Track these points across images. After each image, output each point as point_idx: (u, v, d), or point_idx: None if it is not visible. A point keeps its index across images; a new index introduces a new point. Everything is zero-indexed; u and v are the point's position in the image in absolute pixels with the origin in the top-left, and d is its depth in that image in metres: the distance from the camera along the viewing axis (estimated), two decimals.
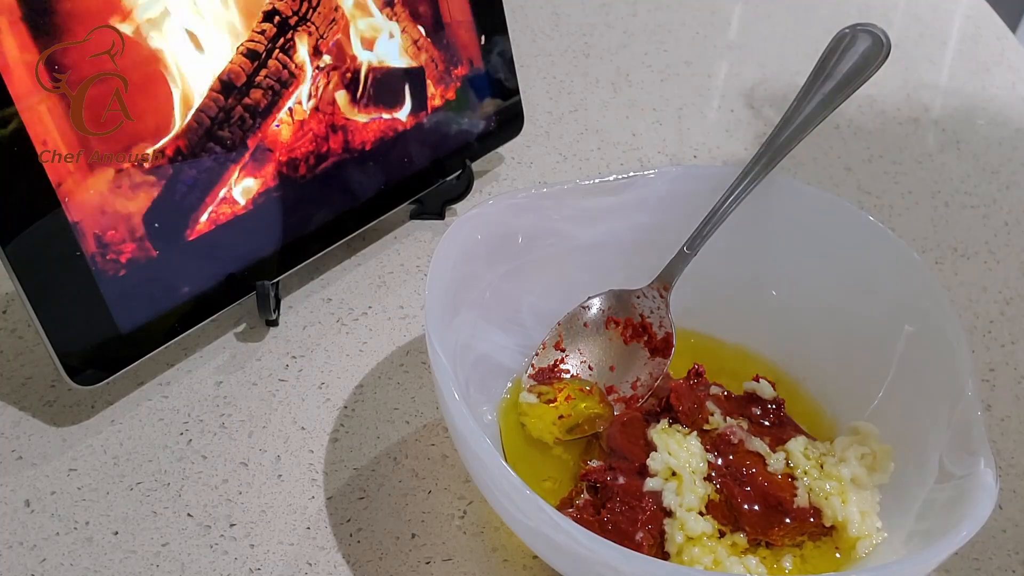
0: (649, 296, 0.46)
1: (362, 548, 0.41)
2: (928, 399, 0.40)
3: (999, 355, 0.52)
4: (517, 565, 0.41)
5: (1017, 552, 0.43)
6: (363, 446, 0.45)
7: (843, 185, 0.63)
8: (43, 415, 0.46)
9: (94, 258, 0.43)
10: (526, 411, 0.44)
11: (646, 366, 0.46)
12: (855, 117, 0.69)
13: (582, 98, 0.70)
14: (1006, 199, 0.63)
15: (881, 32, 0.47)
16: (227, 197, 0.47)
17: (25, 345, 0.49)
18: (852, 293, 0.45)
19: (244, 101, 0.47)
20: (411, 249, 0.56)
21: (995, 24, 0.82)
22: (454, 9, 0.55)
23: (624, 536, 0.38)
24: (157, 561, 0.40)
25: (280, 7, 0.47)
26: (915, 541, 0.36)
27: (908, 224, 0.60)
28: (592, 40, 0.76)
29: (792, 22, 0.80)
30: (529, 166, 0.63)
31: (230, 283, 0.48)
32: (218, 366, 0.49)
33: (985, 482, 0.35)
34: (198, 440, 0.45)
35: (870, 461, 0.40)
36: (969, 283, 0.56)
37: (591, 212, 0.47)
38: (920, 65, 0.76)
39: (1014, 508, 0.44)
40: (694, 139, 0.66)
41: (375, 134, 0.53)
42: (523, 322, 0.46)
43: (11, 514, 0.42)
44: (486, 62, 0.58)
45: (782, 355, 0.47)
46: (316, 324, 0.51)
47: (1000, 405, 0.49)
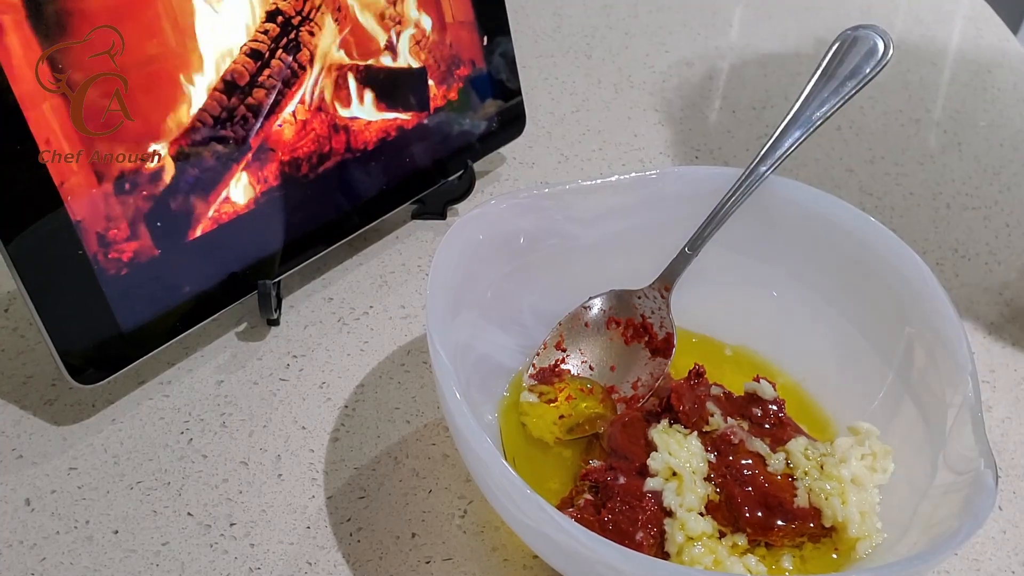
0: (650, 296, 0.46)
1: (362, 547, 0.41)
2: (928, 400, 0.40)
3: (999, 356, 0.52)
4: (517, 565, 0.41)
5: (1017, 553, 0.43)
6: (364, 445, 0.45)
7: (845, 186, 0.63)
8: (44, 414, 0.46)
9: (96, 257, 0.43)
10: (527, 411, 0.44)
11: (647, 366, 0.46)
12: (857, 118, 0.69)
13: (584, 99, 0.70)
14: (1007, 200, 0.63)
15: (883, 34, 0.47)
16: (229, 197, 0.47)
17: (26, 344, 0.49)
18: (853, 294, 0.45)
19: (247, 101, 0.47)
20: (412, 249, 0.56)
21: (996, 26, 0.82)
22: (456, 10, 0.55)
23: (624, 536, 0.38)
24: (157, 560, 0.40)
25: (283, 7, 0.47)
26: (915, 542, 0.36)
27: (909, 225, 0.60)
28: (594, 41, 0.77)
29: (793, 23, 0.80)
30: (531, 166, 0.63)
31: (231, 282, 0.48)
32: (219, 365, 0.49)
33: (985, 483, 0.35)
34: (199, 439, 0.45)
35: (870, 462, 0.40)
36: (970, 284, 0.56)
37: (593, 212, 0.47)
38: (922, 66, 0.76)
39: (1014, 509, 0.44)
40: (696, 140, 0.66)
41: (377, 134, 0.53)
42: (524, 322, 0.46)
43: (11, 513, 0.42)
44: (488, 62, 0.58)
45: (782, 355, 0.47)
46: (317, 323, 0.51)
47: (1000, 406, 0.49)
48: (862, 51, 0.47)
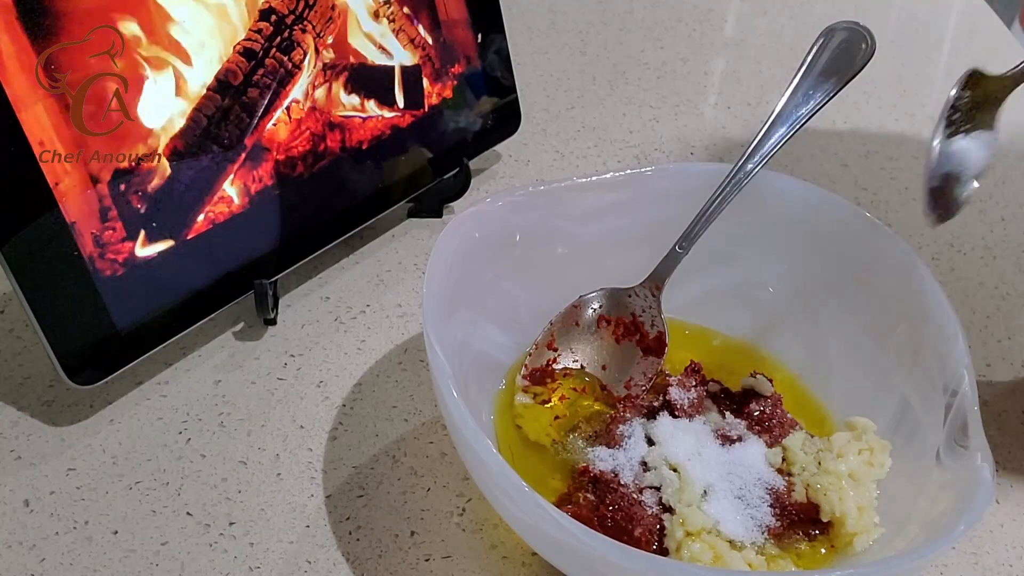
0: (641, 295, 0.46)
1: (361, 546, 0.41)
2: (925, 394, 0.40)
3: (995, 350, 0.52)
4: (516, 562, 0.41)
5: (1014, 547, 0.43)
6: (362, 444, 0.45)
7: (840, 181, 0.63)
8: (42, 415, 0.46)
9: (91, 258, 0.43)
10: (521, 413, 0.44)
11: (639, 365, 0.46)
12: (851, 113, 0.69)
13: (579, 95, 0.70)
14: (1002, 195, 0.63)
15: (864, 29, 0.47)
16: (224, 196, 0.47)
17: (23, 345, 0.49)
18: (849, 289, 0.45)
19: (241, 100, 0.47)
20: (409, 247, 0.56)
21: (991, 20, 0.82)
22: (451, 7, 0.55)
23: (623, 532, 0.38)
24: (156, 560, 0.40)
25: (277, 6, 0.47)
26: (913, 536, 0.37)
27: (905, 220, 0.60)
28: (589, 37, 0.76)
29: (788, 19, 0.80)
30: (526, 164, 0.63)
31: (228, 282, 0.48)
32: (216, 365, 0.49)
33: (982, 477, 0.35)
34: (197, 439, 0.45)
35: (868, 456, 0.40)
36: (966, 278, 0.56)
37: (589, 210, 0.47)
38: (916, 61, 0.76)
39: (1011, 503, 0.44)
40: (691, 136, 0.66)
41: (372, 132, 0.53)
42: (521, 320, 0.46)
43: (10, 514, 0.42)
44: (483, 60, 0.58)
45: (779, 350, 0.47)
46: (314, 323, 0.51)
47: (997, 400, 0.49)
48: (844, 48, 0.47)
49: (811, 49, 0.47)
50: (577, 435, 0.43)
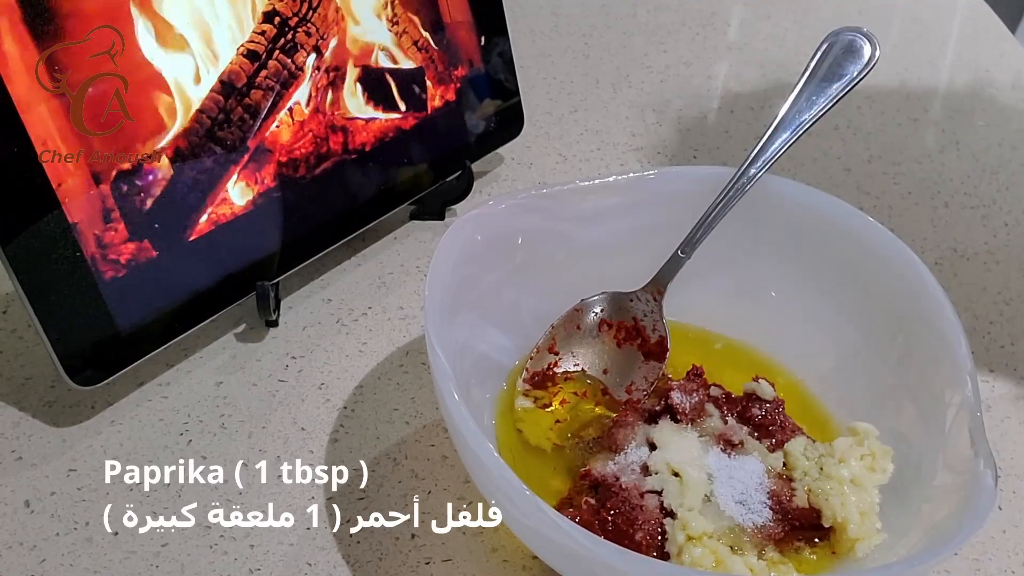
0: (643, 300, 0.46)
1: (362, 548, 0.41)
2: (927, 400, 0.40)
3: (998, 356, 0.52)
4: (516, 565, 0.41)
5: (1017, 553, 0.43)
6: (363, 447, 0.45)
7: (843, 186, 0.63)
8: (43, 415, 0.46)
9: (94, 258, 0.43)
10: (522, 417, 0.44)
11: (640, 369, 0.46)
12: (854, 118, 0.69)
13: (582, 98, 0.70)
14: (1005, 200, 0.63)
15: (868, 35, 0.47)
16: (227, 198, 0.47)
17: (25, 345, 0.49)
18: (852, 294, 0.45)
19: (244, 102, 0.47)
20: (411, 250, 0.56)
21: (994, 25, 0.82)
22: (454, 10, 0.55)
23: (624, 536, 0.38)
24: (157, 562, 0.40)
25: (280, 8, 0.47)
26: (915, 542, 0.36)
27: (908, 225, 0.60)
28: (592, 41, 0.77)
29: (791, 23, 0.80)
30: (529, 167, 0.63)
31: (230, 283, 0.48)
32: (218, 367, 0.49)
33: (985, 483, 0.35)
34: (198, 440, 0.45)
35: (869, 462, 0.40)
36: (968, 284, 0.56)
37: (591, 213, 0.47)
38: (920, 66, 0.76)
39: (1013, 509, 0.44)
40: (694, 140, 0.66)
41: (375, 135, 0.53)
42: (523, 322, 0.46)
43: (11, 514, 0.42)
44: (486, 63, 0.58)
45: (782, 355, 0.47)
46: (316, 324, 0.51)
47: (999, 406, 0.49)
48: (849, 53, 0.47)
49: (815, 54, 0.47)
50: (578, 439, 0.43)
